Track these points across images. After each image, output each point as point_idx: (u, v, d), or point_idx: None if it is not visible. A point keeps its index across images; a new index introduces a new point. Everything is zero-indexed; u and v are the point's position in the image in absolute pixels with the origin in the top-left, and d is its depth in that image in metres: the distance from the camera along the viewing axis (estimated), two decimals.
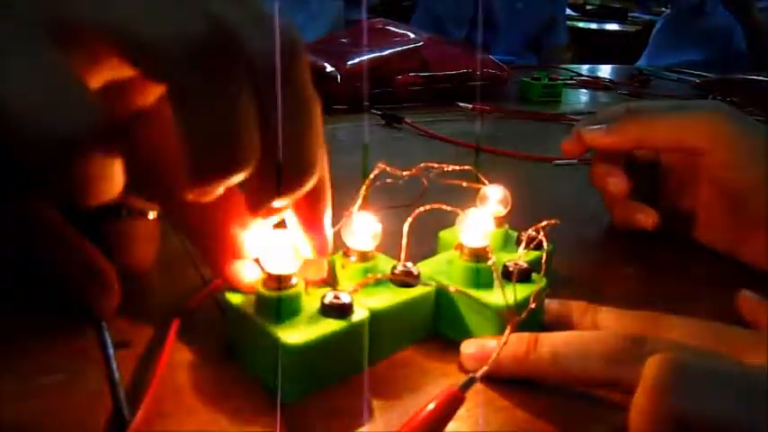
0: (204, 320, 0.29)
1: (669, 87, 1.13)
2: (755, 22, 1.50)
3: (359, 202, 0.27)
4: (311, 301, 0.25)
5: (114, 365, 0.25)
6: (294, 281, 0.25)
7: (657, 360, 0.20)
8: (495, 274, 0.26)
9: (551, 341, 0.25)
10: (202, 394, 0.25)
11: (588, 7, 3.81)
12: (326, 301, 0.25)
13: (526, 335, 0.25)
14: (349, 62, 0.79)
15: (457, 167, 0.31)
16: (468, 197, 0.31)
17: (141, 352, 0.27)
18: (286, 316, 0.24)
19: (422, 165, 0.30)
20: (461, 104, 0.80)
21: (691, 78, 1.18)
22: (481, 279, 0.28)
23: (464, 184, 0.29)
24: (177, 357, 0.26)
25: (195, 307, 0.29)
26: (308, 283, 0.26)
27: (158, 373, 0.24)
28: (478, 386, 0.24)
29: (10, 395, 0.24)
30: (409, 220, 0.27)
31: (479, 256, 0.28)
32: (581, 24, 3.21)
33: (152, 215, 0.29)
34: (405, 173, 0.29)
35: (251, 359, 0.26)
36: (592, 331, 0.27)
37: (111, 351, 0.26)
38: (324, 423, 0.23)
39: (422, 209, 0.28)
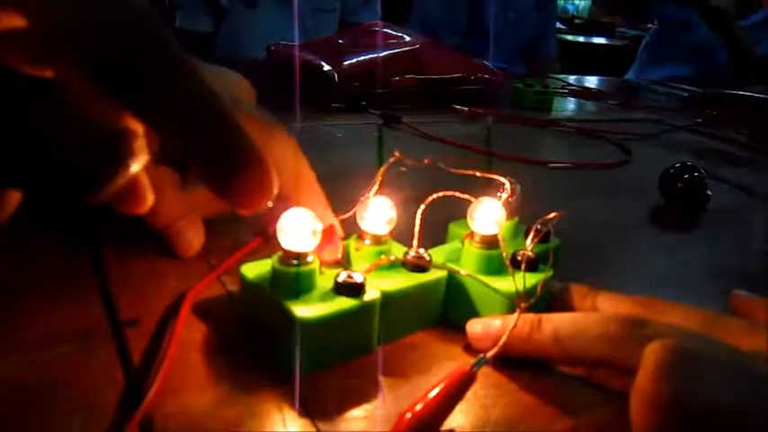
0: (213, 299, 0.30)
1: (657, 99, 1.16)
2: (737, 40, 1.53)
3: (375, 186, 0.28)
4: (325, 281, 0.26)
5: (125, 342, 0.25)
6: (310, 259, 0.25)
7: (659, 345, 0.21)
8: (505, 261, 0.27)
9: (554, 321, 0.26)
10: (214, 369, 0.25)
11: (576, 21, 3.86)
12: (340, 279, 0.25)
13: (530, 315, 0.26)
14: (346, 62, 0.80)
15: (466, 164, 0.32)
16: (477, 192, 0.32)
17: (150, 330, 0.27)
18: (302, 292, 0.25)
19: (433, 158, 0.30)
20: (457, 107, 0.81)
21: (677, 92, 1.21)
22: (491, 266, 0.28)
23: (477, 174, 0.30)
24: (188, 334, 0.27)
25: (204, 286, 0.30)
26: (322, 264, 0.26)
27: (171, 348, 0.24)
28: (485, 370, 0.25)
29: (19, 365, 0.24)
30: (422, 206, 0.28)
31: (490, 243, 0.28)
32: (569, 37, 3.25)
33: None
34: (424, 161, 0.29)
35: (264, 334, 0.26)
36: (593, 312, 0.28)
37: (120, 327, 0.26)
38: (334, 401, 0.24)
39: (435, 196, 0.28)
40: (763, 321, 0.29)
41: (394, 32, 0.92)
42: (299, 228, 0.25)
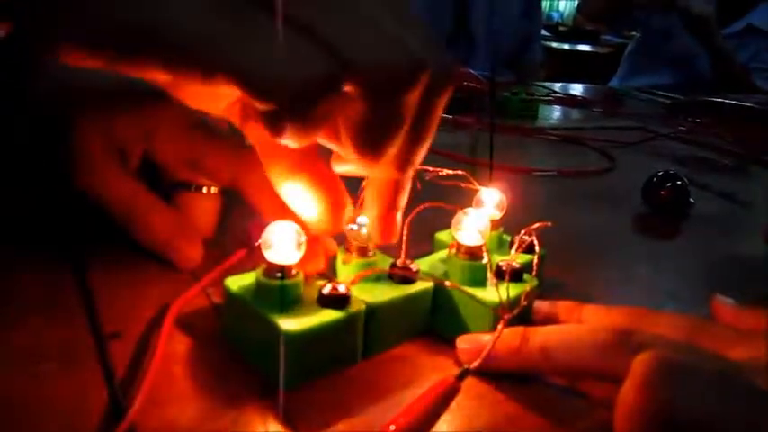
0: (196, 312, 0.29)
1: (640, 107, 1.17)
2: (719, 49, 1.55)
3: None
4: (309, 293, 0.26)
5: (108, 354, 0.25)
6: (294, 272, 0.25)
7: (646, 357, 0.21)
8: (488, 272, 0.27)
9: (542, 334, 0.26)
10: (198, 382, 0.25)
11: (561, 28, 3.90)
12: (324, 291, 0.25)
13: (519, 329, 0.26)
14: None
15: (450, 172, 0.32)
16: (463, 202, 0.32)
17: (133, 343, 0.27)
18: (287, 305, 0.25)
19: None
20: (442, 115, 0.81)
21: (661, 99, 1.22)
22: (475, 277, 0.28)
23: (462, 184, 0.30)
24: (172, 347, 0.26)
25: (188, 299, 0.29)
26: (305, 276, 0.26)
27: (155, 361, 0.24)
28: (469, 380, 0.25)
29: (1, 380, 0.24)
30: (408, 217, 0.28)
31: (474, 254, 0.28)
32: (554, 45, 3.28)
33: (214, 190, 0.36)
34: None
35: (248, 346, 0.26)
36: (581, 324, 0.28)
37: (103, 340, 0.26)
38: (319, 413, 0.24)
39: (421, 207, 0.28)
40: (746, 329, 0.29)
41: None
42: (283, 240, 0.25)
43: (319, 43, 0.21)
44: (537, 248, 0.29)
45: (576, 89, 1.36)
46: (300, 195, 0.27)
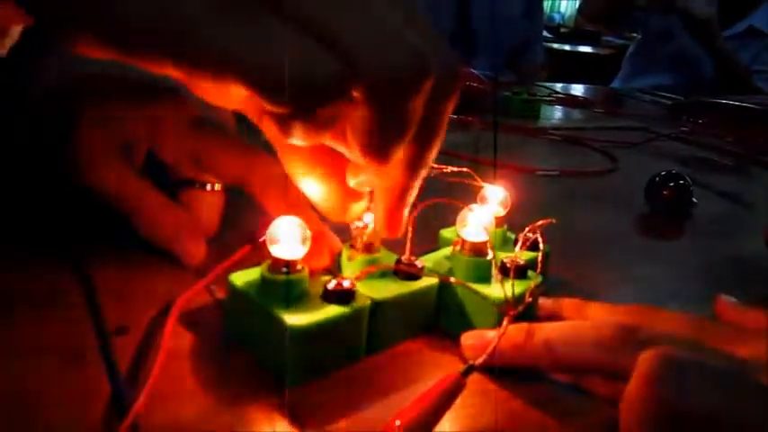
0: (200, 308, 0.29)
1: (642, 107, 1.17)
2: (719, 50, 1.55)
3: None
4: (314, 288, 0.26)
5: (111, 350, 0.25)
6: (299, 267, 0.25)
7: (652, 353, 0.21)
8: (493, 269, 0.27)
9: (547, 330, 0.26)
10: (202, 379, 0.25)
11: (562, 30, 3.91)
12: (330, 287, 0.25)
13: (524, 325, 0.26)
14: None
15: (455, 169, 0.32)
16: (467, 199, 0.32)
17: (137, 339, 0.27)
18: (292, 300, 0.25)
19: None
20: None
21: (662, 100, 1.22)
22: (480, 273, 0.28)
23: (466, 181, 0.30)
24: (176, 343, 0.26)
25: (192, 295, 0.29)
26: (310, 271, 0.26)
27: (159, 357, 0.24)
28: (474, 377, 0.25)
29: (5, 377, 0.24)
30: (412, 213, 0.28)
31: (479, 251, 0.28)
32: (555, 46, 3.29)
33: (218, 187, 0.36)
34: None
35: (252, 342, 0.26)
36: (586, 321, 0.28)
37: (106, 336, 0.26)
38: (324, 409, 0.24)
39: (426, 203, 0.28)
40: (750, 327, 0.29)
41: None
42: (288, 236, 0.25)
43: (327, 44, 0.21)
44: (541, 245, 0.29)
45: (578, 90, 1.35)
46: (317, 187, 0.27)
